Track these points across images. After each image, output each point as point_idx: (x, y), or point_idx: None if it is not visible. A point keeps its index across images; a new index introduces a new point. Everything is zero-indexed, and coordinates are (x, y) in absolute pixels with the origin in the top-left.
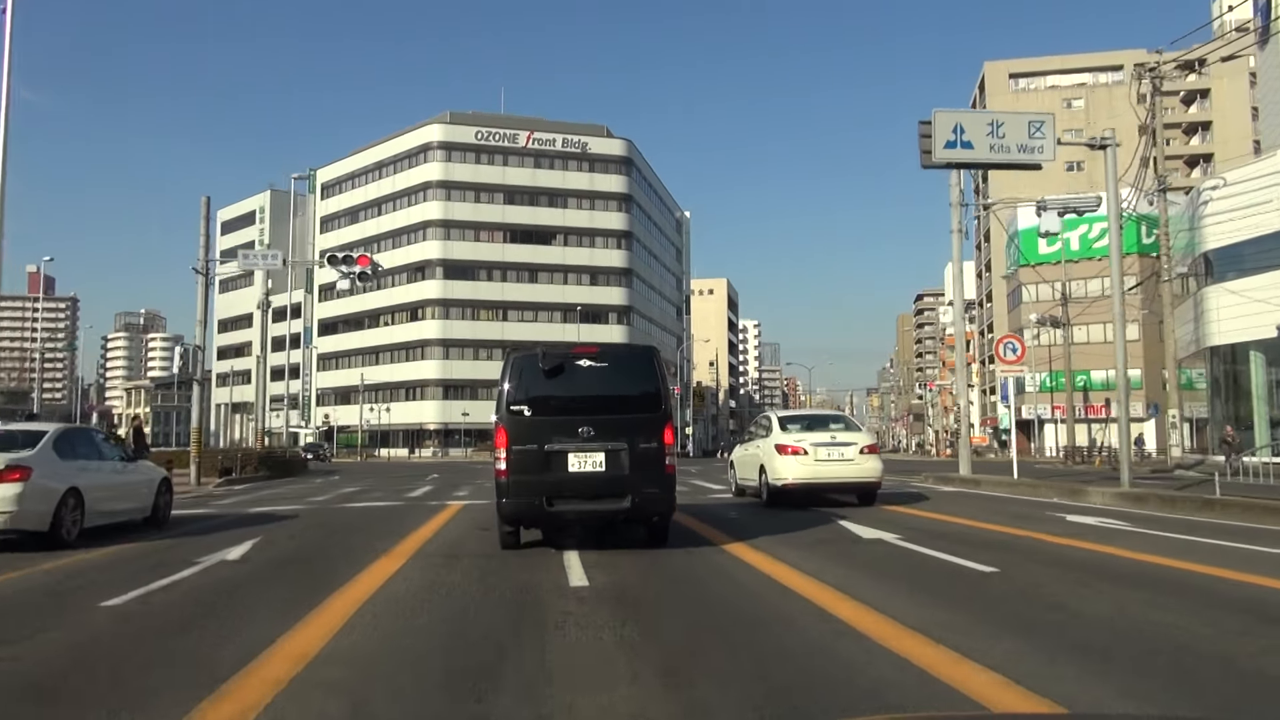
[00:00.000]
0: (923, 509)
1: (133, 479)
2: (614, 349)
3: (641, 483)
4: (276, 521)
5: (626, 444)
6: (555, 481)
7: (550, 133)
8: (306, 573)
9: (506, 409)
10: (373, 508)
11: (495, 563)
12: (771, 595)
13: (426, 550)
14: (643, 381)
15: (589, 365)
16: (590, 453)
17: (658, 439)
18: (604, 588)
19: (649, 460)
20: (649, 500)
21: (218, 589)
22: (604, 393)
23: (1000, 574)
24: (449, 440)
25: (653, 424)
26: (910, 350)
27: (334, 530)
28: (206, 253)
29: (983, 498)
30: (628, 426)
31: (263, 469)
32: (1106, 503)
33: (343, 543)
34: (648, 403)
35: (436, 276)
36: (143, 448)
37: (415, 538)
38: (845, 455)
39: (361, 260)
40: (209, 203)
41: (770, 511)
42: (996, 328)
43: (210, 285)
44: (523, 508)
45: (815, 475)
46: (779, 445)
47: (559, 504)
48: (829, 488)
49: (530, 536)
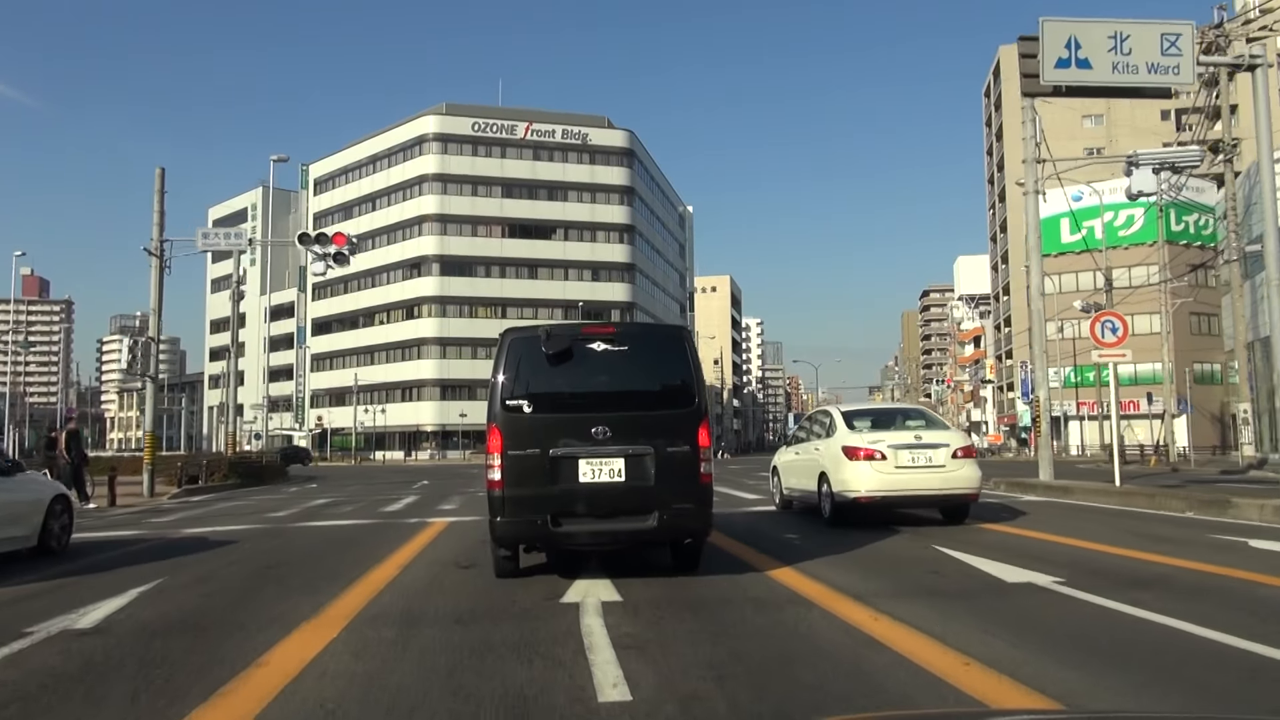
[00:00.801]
0: (1032, 528)
1: (10, 498)
2: (635, 328)
3: (671, 496)
4: (205, 550)
5: (652, 447)
6: (562, 495)
7: (549, 124)
8: (169, 663)
9: (501, 405)
10: (335, 529)
11: (474, 634)
12: (923, 695)
13: (375, 610)
14: (672, 368)
15: (604, 349)
16: (606, 458)
17: (691, 440)
18: (652, 699)
19: (680, 467)
20: (680, 517)
21: (7, 698)
22: (623, 383)
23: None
24: (447, 442)
25: (684, 421)
26: (916, 347)
27: (265, 569)
28: (161, 231)
29: (1094, 511)
30: (653, 425)
31: (233, 476)
32: (1270, 519)
33: (264, 593)
34: (678, 395)
35: (433, 273)
36: (79, 455)
37: (369, 583)
38: (933, 460)
39: (337, 239)
40: (163, 174)
41: (836, 532)
42: (1015, 322)
43: (165, 268)
44: (522, 528)
45: (896, 486)
46: (848, 448)
47: (568, 523)
48: (912, 501)
49: (532, 558)
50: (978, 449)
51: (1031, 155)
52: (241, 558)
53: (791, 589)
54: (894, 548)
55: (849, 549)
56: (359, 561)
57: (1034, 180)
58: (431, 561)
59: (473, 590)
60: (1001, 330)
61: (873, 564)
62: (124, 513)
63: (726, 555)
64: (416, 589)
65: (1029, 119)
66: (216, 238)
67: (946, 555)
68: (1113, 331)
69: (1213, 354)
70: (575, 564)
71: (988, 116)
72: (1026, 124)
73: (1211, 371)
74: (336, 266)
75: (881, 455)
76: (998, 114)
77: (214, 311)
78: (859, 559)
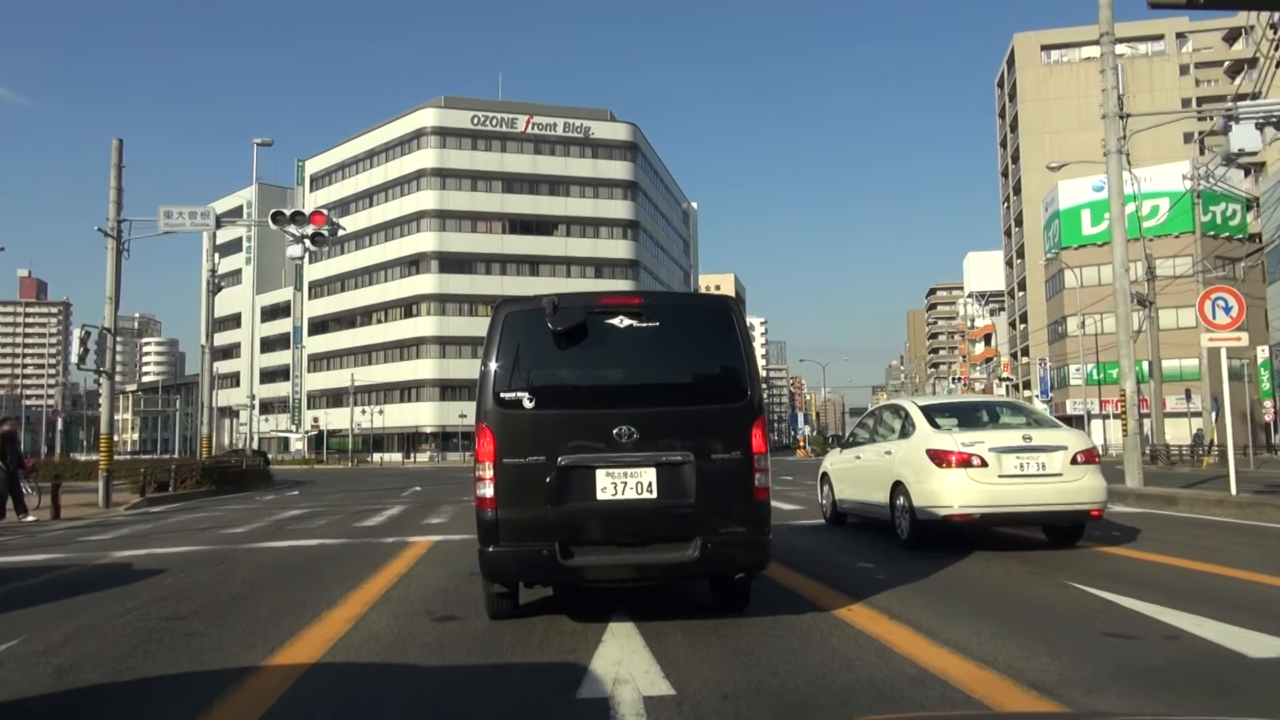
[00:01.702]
0: (1171, 553)
1: None
2: (670, 299)
3: (717, 517)
4: (116, 586)
5: (691, 453)
6: (574, 517)
7: (551, 117)
8: None
9: (494, 399)
10: (293, 553)
11: None
12: None
13: (298, 702)
14: (717, 350)
15: (629, 326)
16: (632, 468)
17: (742, 444)
18: None
19: (729, 479)
20: (730, 546)
21: None
22: (654, 369)
23: None
24: (446, 444)
25: (734, 420)
26: (923, 345)
27: (166, 623)
28: (119, 210)
29: (1227, 529)
30: (694, 425)
31: (207, 483)
32: None
33: (150, 667)
34: (726, 386)
35: (431, 270)
36: (15, 461)
37: (300, 649)
38: (1047, 467)
39: (316, 218)
40: (120, 146)
41: (918, 557)
42: (1032, 318)
43: (123, 250)
44: (521, 561)
45: (1001, 501)
46: (935, 452)
47: (581, 554)
48: (1020, 519)
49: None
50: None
51: (1113, 109)
52: (150, 599)
53: (917, 662)
54: (1015, 583)
55: (953, 585)
56: (304, 606)
57: (1116, 137)
58: (399, 609)
59: (448, 672)
60: (1017, 327)
61: (1004, 610)
62: (63, 528)
63: (784, 590)
64: (362, 670)
65: (1108, 66)
66: (181, 218)
67: (1099, 598)
68: (1225, 311)
69: (1241, 349)
70: (592, 601)
71: (1001, 107)
72: (1107, 72)
73: (1240, 367)
74: (316, 248)
75: (981, 461)
76: (1012, 104)
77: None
78: (978, 602)
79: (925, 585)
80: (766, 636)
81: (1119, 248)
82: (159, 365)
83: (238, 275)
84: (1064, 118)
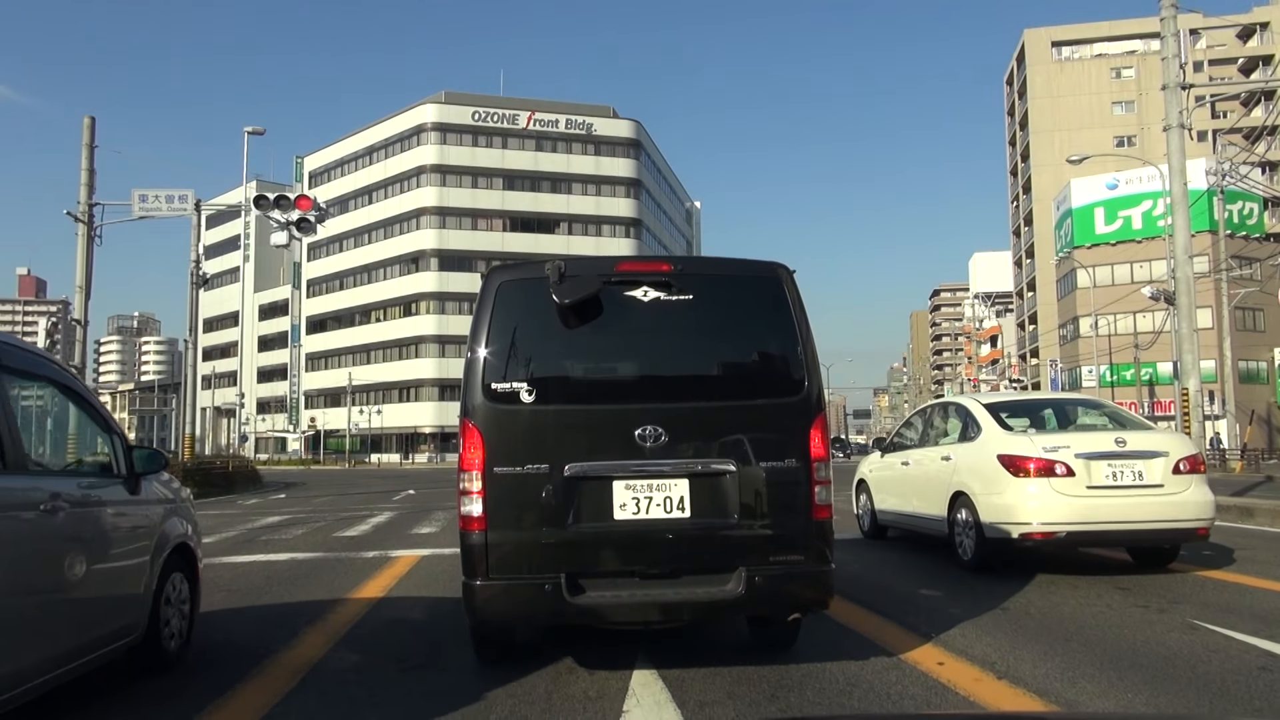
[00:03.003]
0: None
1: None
2: (705, 266)
3: (767, 542)
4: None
5: (734, 460)
6: (585, 542)
7: (553, 113)
8: None
9: (484, 391)
10: (257, 570)
11: None
12: None
13: None
14: (765, 332)
15: (656, 299)
16: (659, 479)
17: (798, 450)
18: None
19: (782, 494)
20: (783, 579)
21: None
22: (686, 355)
23: None
24: (446, 445)
25: (787, 418)
26: (926, 347)
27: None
28: (90, 193)
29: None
30: (736, 425)
31: (189, 485)
32: None
33: None
34: (776, 376)
35: (431, 268)
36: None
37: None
38: (1145, 477)
39: (301, 203)
40: (93, 125)
41: (988, 583)
42: (1042, 319)
43: (95, 236)
44: (518, 598)
45: (1090, 517)
46: (1009, 457)
47: (594, 589)
48: (1113, 539)
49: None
50: None
51: (1174, 79)
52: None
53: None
54: (1127, 621)
55: (1052, 623)
56: (245, 651)
57: (1178, 111)
58: (362, 655)
59: None
60: (1025, 328)
61: (1142, 665)
62: None
63: (838, 625)
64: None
65: (1169, 33)
66: (157, 201)
67: (1249, 646)
68: None
69: (1258, 351)
70: (607, 641)
71: (1010, 105)
72: (1167, 39)
73: (1257, 369)
74: (302, 235)
75: (1067, 469)
76: (1022, 101)
77: (207, 310)
78: (1099, 650)
79: (1018, 623)
80: (834, 695)
81: (1181, 233)
82: (158, 364)
83: (235, 273)
84: (1075, 115)
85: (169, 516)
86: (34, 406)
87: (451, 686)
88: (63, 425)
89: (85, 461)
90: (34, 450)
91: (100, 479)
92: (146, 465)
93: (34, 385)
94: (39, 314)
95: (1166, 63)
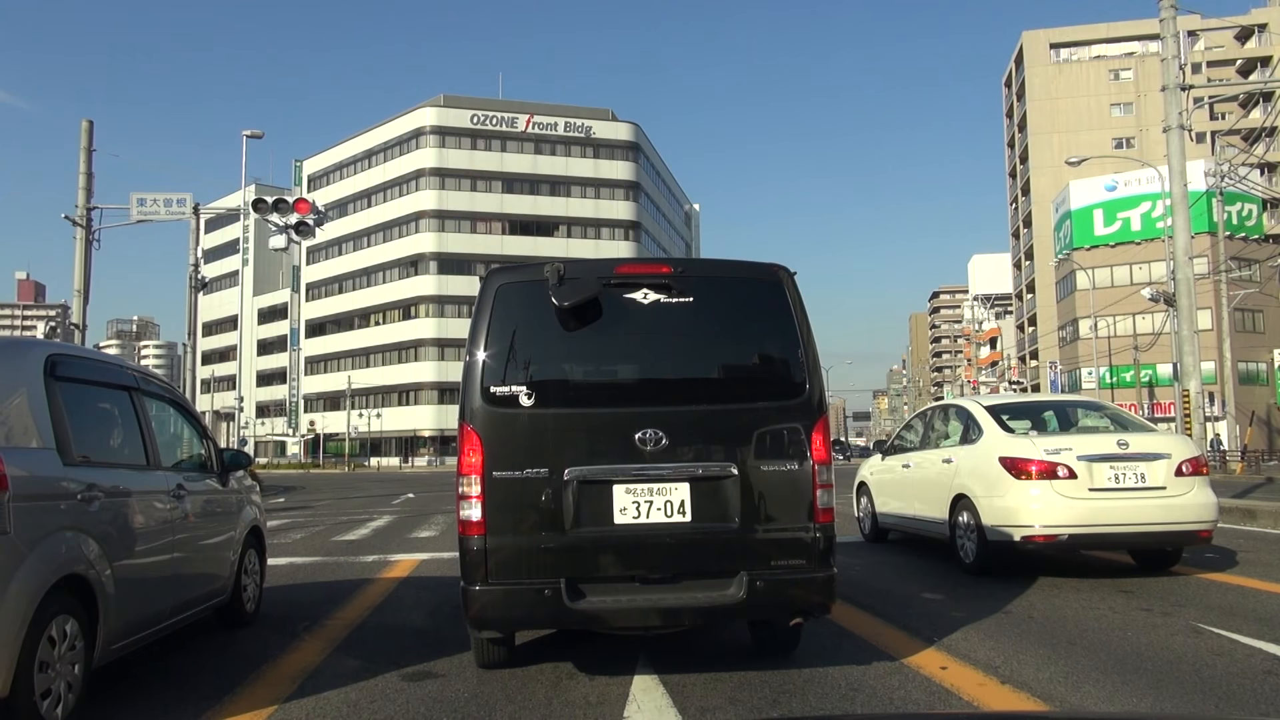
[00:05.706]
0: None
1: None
2: (705, 268)
3: (769, 546)
4: None
5: (735, 463)
6: (586, 546)
7: (551, 116)
8: None
9: (483, 394)
10: None
11: None
12: None
13: None
14: (767, 333)
15: (656, 301)
16: (660, 483)
17: (799, 452)
18: None
19: (784, 498)
20: (785, 583)
21: None
22: (687, 358)
23: None
24: (445, 448)
25: (789, 421)
26: (925, 349)
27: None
28: (88, 196)
29: None
30: (738, 428)
31: None
32: None
33: None
34: (778, 377)
35: (430, 271)
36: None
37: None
38: (1147, 479)
39: (300, 206)
40: (91, 128)
41: (992, 586)
42: (1041, 320)
43: (93, 240)
44: (517, 603)
45: (1093, 520)
46: (1011, 460)
47: (594, 594)
48: (1115, 542)
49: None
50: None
51: (1174, 80)
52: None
53: None
54: (1131, 625)
55: (1055, 627)
56: (244, 656)
57: (1178, 112)
58: (363, 660)
59: None
60: (1025, 330)
61: (1147, 669)
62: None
63: (839, 629)
64: None
65: (1169, 34)
66: (155, 205)
67: (1255, 649)
68: None
69: (1258, 352)
70: (608, 646)
71: (1009, 107)
72: (1167, 40)
73: (1256, 371)
74: (300, 239)
75: (1069, 472)
76: (1020, 103)
77: (206, 314)
78: (1104, 653)
79: (1021, 626)
80: (836, 700)
81: (1181, 235)
82: (157, 368)
83: (234, 277)
84: (1074, 116)
85: (246, 505)
86: (155, 416)
87: (450, 692)
88: (167, 429)
89: (189, 459)
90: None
91: (201, 473)
92: (233, 463)
93: (160, 403)
94: (38, 318)
95: (1166, 64)
